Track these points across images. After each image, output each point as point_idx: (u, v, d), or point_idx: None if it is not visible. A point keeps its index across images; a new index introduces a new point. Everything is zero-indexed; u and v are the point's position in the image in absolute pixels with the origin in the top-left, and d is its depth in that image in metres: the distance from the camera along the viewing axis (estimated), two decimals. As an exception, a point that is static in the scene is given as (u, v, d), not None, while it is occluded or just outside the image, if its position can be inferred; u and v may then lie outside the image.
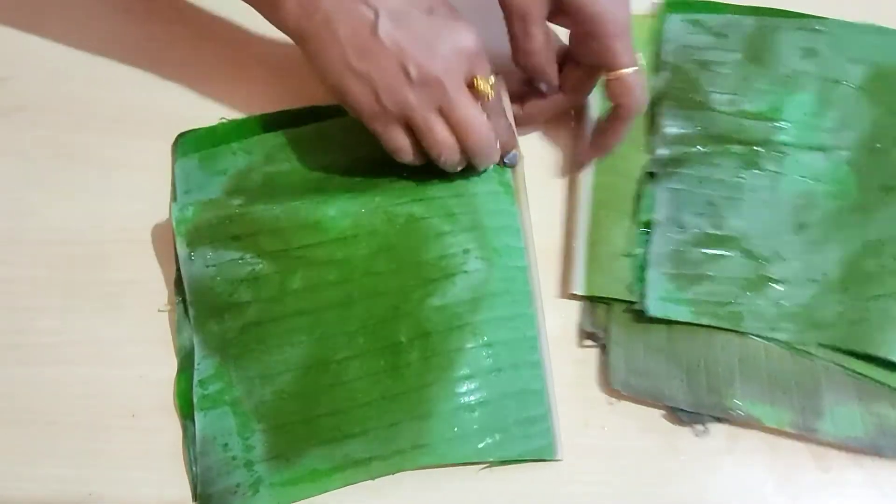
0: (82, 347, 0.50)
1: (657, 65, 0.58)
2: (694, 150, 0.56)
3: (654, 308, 0.51)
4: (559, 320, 0.52)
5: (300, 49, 0.47)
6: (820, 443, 0.50)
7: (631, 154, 0.56)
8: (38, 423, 0.49)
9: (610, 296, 0.52)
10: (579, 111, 0.57)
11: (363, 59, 0.45)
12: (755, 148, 0.56)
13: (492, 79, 0.48)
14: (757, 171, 0.55)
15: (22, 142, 0.55)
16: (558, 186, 0.56)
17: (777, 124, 0.56)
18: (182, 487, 0.48)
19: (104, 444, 0.48)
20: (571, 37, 0.52)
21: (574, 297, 0.52)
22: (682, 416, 0.50)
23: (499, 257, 0.50)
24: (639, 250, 0.53)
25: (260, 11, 0.48)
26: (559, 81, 0.53)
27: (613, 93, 0.51)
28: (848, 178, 0.55)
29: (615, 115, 0.52)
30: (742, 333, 0.51)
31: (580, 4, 0.48)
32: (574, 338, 0.52)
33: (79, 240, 0.53)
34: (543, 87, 0.53)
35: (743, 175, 0.55)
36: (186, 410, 0.48)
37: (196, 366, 0.48)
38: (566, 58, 0.53)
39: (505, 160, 0.52)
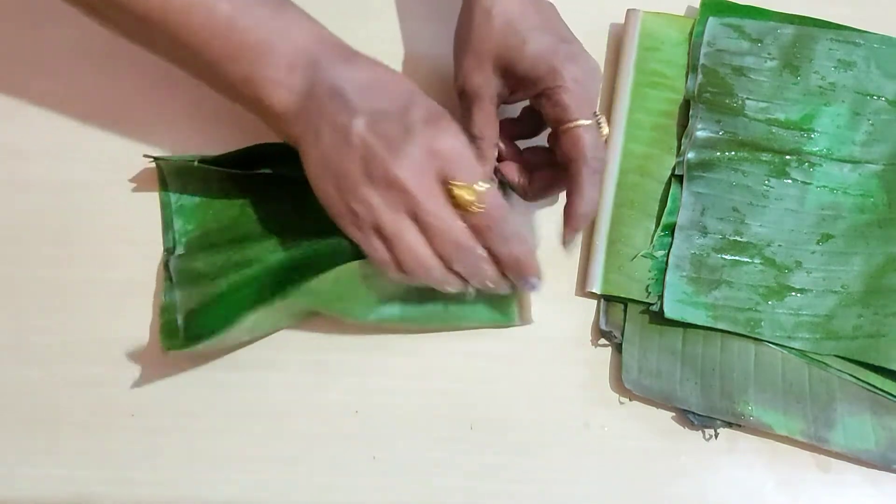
0: (82, 347, 0.51)
1: (691, 67, 0.58)
2: (723, 155, 0.55)
3: (672, 310, 0.51)
4: (575, 318, 0.53)
5: None
6: (829, 454, 0.49)
7: (658, 155, 0.56)
8: (38, 423, 0.49)
9: (627, 296, 0.52)
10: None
11: (335, 162, 0.44)
12: (785, 157, 0.56)
13: (480, 185, 0.44)
14: (785, 180, 0.55)
15: (22, 141, 0.55)
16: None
17: (808, 134, 0.56)
18: (182, 487, 0.48)
19: (104, 444, 0.49)
20: (527, 113, 0.51)
21: (591, 295, 0.53)
22: (692, 419, 0.50)
23: None
24: (659, 252, 0.53)
25: (265, 122, 0.48)
26: (530, 187, 0.51)
27: (562, 148, 0.48)
28: (877, 192, 0.55)
29: (569, 175, 0.48)
30: (759, 340, 0.51)
31: (528, 67, 0.48)
32: (589, 336, 0.52)
33: (79, 240, 0.53)
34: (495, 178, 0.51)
35: (770, 183, 0.55)
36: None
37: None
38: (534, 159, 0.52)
39: (525, 286, 0.47)
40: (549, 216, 0.55)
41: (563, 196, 0.55)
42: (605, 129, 0.48)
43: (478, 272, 0.46)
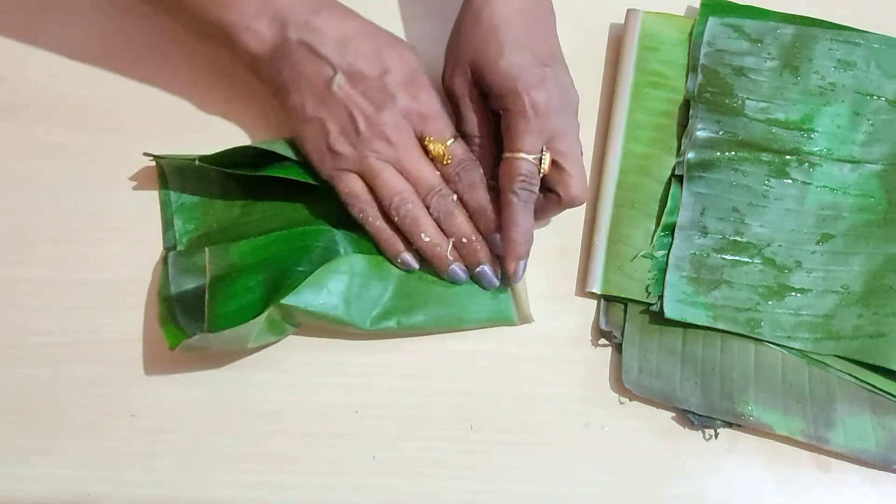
0: (82, 347, 0.51)
1: (691, 67, 0.58)
2: (723, 155, 0.55)
3: (672, 310, 0.51)
4: (575, 318, 0.53)
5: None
6: (829, 454, 0.49)
7: (658, 155, 0.56)
8: (38, 423, 0.49)
9: (627, 296, 0.52)
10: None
11: (318, 108, 0.49)
12: (785, 157, 0.56)
13: (449, 141, 0.50)
14: (785, 180, 0.55)
15: (21, 141, 0.56)
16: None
17: (808, 134, 0.56)
18: (182, 487, 0.48)
19: (104, 444, 0.49)
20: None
21: (591, 295, 0.53)
22: (692, 419, 0.50)
23: None
24: (659, 252, 0.53)
25: (244, 65, 0.52)
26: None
27: (499, 173, 0.49)
28: (876, 192, 0.55)
29: (501, 205, 0.49)
30: (759, 340, 0.51)
31: (495, 82, 0.48)
32: (589, 336, 0.52)
33: (79, 239, 0.53)
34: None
35: (770, 183, 0.55)
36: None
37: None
38: None
39: (509, 273, 0.49)
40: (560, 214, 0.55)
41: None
42: (546, 166, 0.48)
43: (451, 218, 0.50)
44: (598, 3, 0.61)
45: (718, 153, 0.55)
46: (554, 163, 0.49)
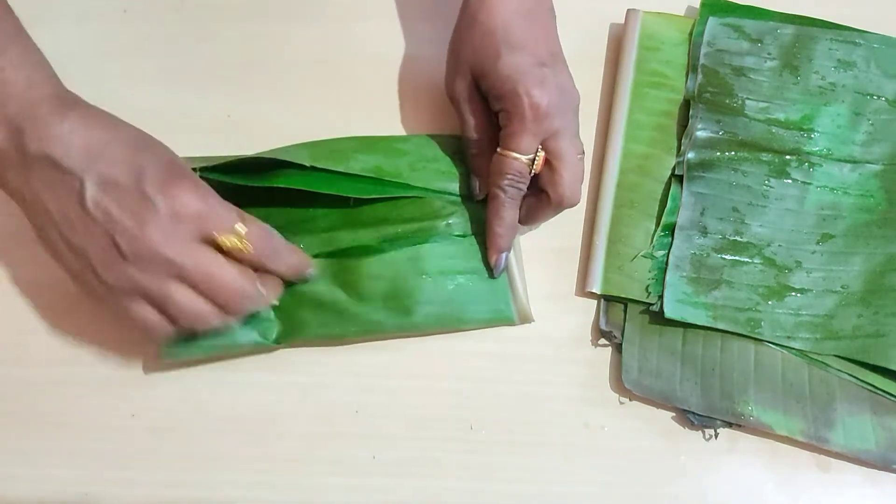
0: (82, 347, 0.51)
1: (691, 67, 0.58)
2: (723, 155, 0.55)
3: (672, 310, 0.51)
4: (575, 318, 0.53)
5: None
6: (829, 454, 0.49)
7: (658, 155, 0.56)
8: (38, 423, 0.49)
9: (627, 296, 0.52)
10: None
11: (75, 234, 0.42)
12: (785, 157, 0.56)
13: (239, 227, 0.43)
14: (785, 180, 0.55)
15: None
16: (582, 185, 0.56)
17: (808, 134, 0.56)
18: (182, 487, 0.48)
19: (104, 444, 0.49)
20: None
21: (591, 295, 0.53)
22: (692, 419, 0.50)
23: None
24: (659, 252, 0.53)
25: None
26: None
27: (491, 168, 0.49)
28: (876, 192, 0.55)
29: (489, 197, 0.50)
30: (759, 340, 0.51)
31: (494, 83, 0.48)
32: (589, 336, 0.52)
33: None
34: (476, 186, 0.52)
35: (770, 183, 0.55)
36: None
37: None
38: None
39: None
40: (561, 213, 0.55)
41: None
42: (538, 166, 0.48)
43: (260, 299, 0.45)
44: (598, 3, 0.61)
45: (718, 153, 0.55)
46: (547, 162, 0.48)
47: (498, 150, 0.49)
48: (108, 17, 0.59)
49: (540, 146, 0.48)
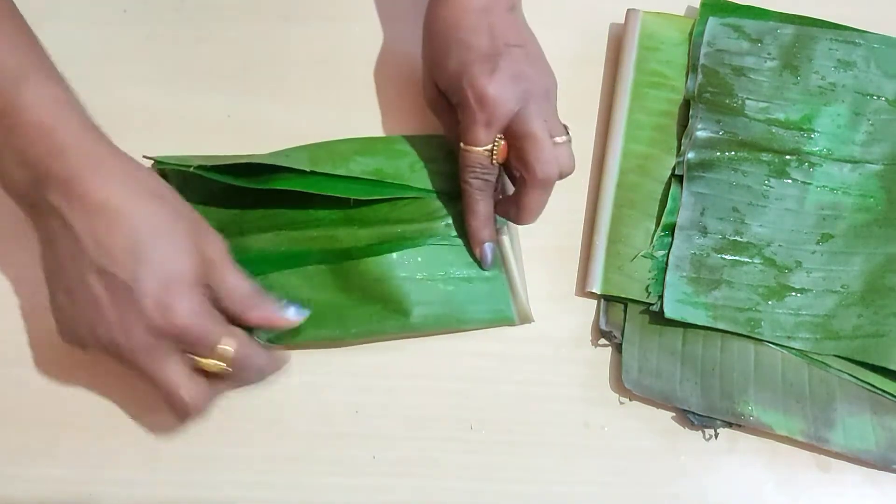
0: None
1: (691, 67, 0.58)
2: (723, 155, 0.55)
3: (672, 310, 0.51)
4: (575, 318, 0.53)
5: None
6: (829, 454, 0.49)
7: (658, 155, 0.56)
8: (38, 423, 0.49)
9: (627, 296, 0.52)
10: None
11: (72, 291, 0.42)
12: (785, 157, 0.56)
13: (224, 346, 0.42)
14: (785, 180, 0.55)
15: None
16: (582, 184, 0.56)
17: (808, 134, 0.56)
18: (182, 487, 0.48)
19: (104, 444, 0.49)
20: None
21: (591, 295, 0.53)
22: (692, 419, 0.50)
23: None
24: (659, 252, 0.53)
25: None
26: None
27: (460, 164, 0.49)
28: (877, 192, 0.55)
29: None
30: (758, 340, 0.51)
31: (445, 82, 0.49)
32: (589, 336, 0.52)
33: None
34: None
35: (770, 183, 0.55)
36: None
37: None
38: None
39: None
40: (547, 217, 0.55)
41: (554, 196, 0.55)
42: (499, 154, 0.48)
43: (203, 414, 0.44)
44: (598, 3, 0.61)
45: (718, 153, 0.56)
46: (514, 146, 0.48)
47: (459, 146, 0.49)
48: (109, 18, 0.59)
49: (500, 135, 0.48)
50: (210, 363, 0.42)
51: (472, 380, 0.51)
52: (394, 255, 0.50)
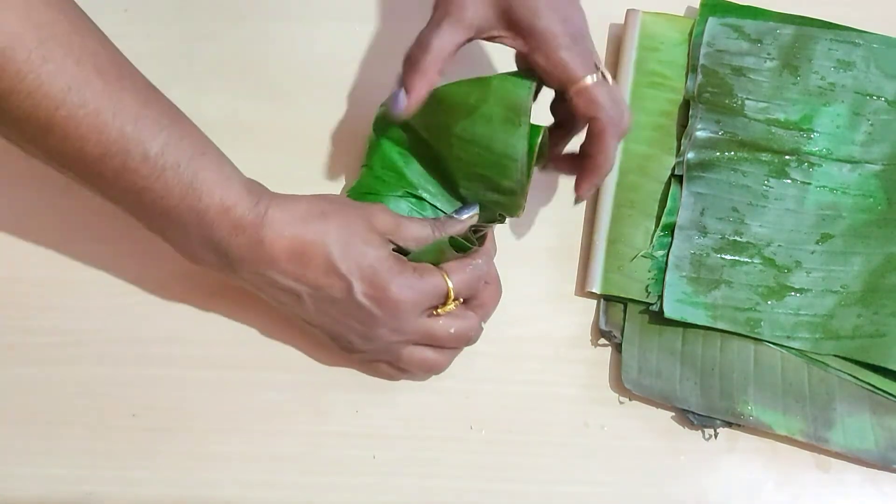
0: (83, 347, 0.51)
1: (690, 67, 0.58)
2: (722, 155, 0.56)
3: (671, 310, 0.51)
4: (575, 318, 0.53)
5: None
6: (829, 454, 0.50)
7: (658, 155, 0.56)
8: (38, 423, 0.49)
9: (627, 295, 0.52)
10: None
11: (316, 318, 0.46)
12: (785, 157, 0.56)
13: (451, 305, 0.47)
14: (784, 180, 0.55)
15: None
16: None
17: (808, 135, 0.56)
18: (183, 487, 0.48)
19: (104, 444, 0.49)
20: (523, 58, 0.48)
21: (591, 295, 0.53)
22: (692, 418, 0.50)
23: None
24: (659, 252, 0.53)
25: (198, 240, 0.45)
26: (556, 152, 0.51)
27: (580, 109, 0.46)
28: (876, 192, 0.55)
29: (591, 133, 0.47)
30: (758, 340, 0.52)
31: (522, 18, 0.46)
32: (589, 336, 0.52)
33: (80, 238, 0.53)
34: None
35: (770, 183, 0.55)
36: None
37: None
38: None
39: None
40: (547, 216, 0.55)
41: (555, 196, 0.55)
42: (611, 81, 0.47)
43: (478, 331, 0.49)
44: (598, 3, 0.60)
45: (718, 153, 0.56)
46: (578, 93, 0.46)
47: (570, 90, 0.46)
48: (109, 17, 0.59)
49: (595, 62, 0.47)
50: (448, 307, 0.47)
51: (472, 380, 0.51)
52: None
